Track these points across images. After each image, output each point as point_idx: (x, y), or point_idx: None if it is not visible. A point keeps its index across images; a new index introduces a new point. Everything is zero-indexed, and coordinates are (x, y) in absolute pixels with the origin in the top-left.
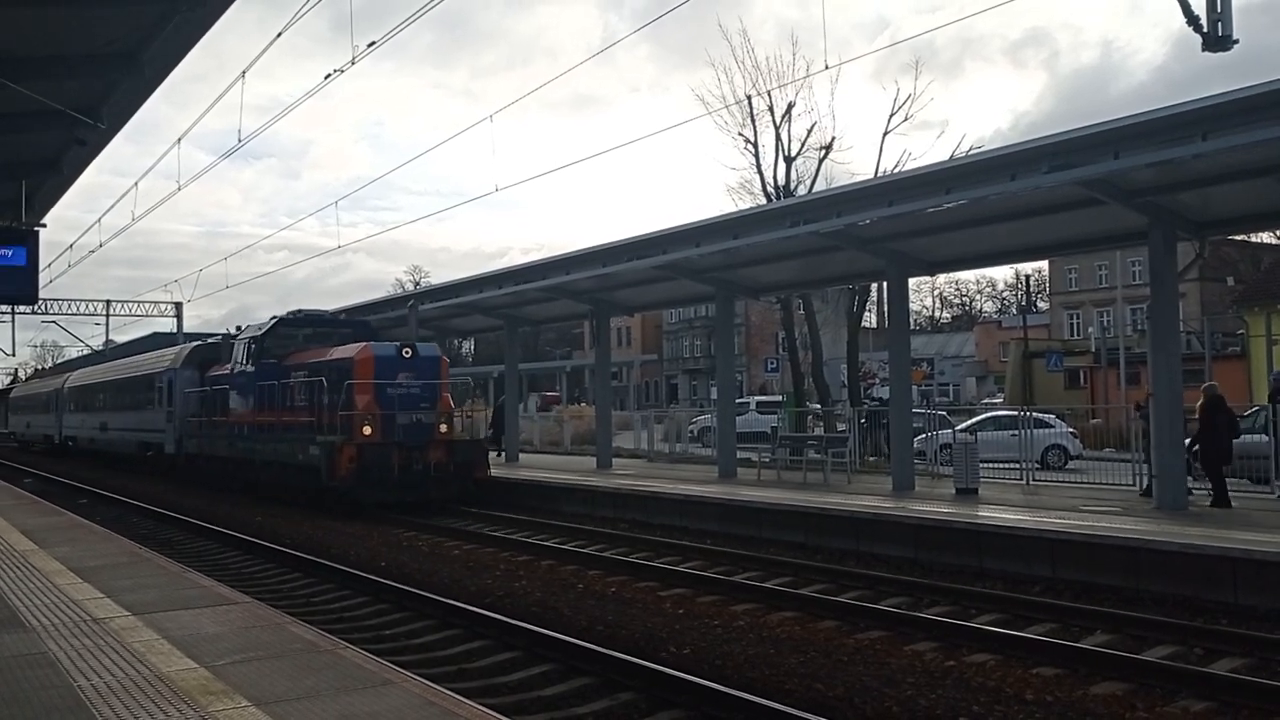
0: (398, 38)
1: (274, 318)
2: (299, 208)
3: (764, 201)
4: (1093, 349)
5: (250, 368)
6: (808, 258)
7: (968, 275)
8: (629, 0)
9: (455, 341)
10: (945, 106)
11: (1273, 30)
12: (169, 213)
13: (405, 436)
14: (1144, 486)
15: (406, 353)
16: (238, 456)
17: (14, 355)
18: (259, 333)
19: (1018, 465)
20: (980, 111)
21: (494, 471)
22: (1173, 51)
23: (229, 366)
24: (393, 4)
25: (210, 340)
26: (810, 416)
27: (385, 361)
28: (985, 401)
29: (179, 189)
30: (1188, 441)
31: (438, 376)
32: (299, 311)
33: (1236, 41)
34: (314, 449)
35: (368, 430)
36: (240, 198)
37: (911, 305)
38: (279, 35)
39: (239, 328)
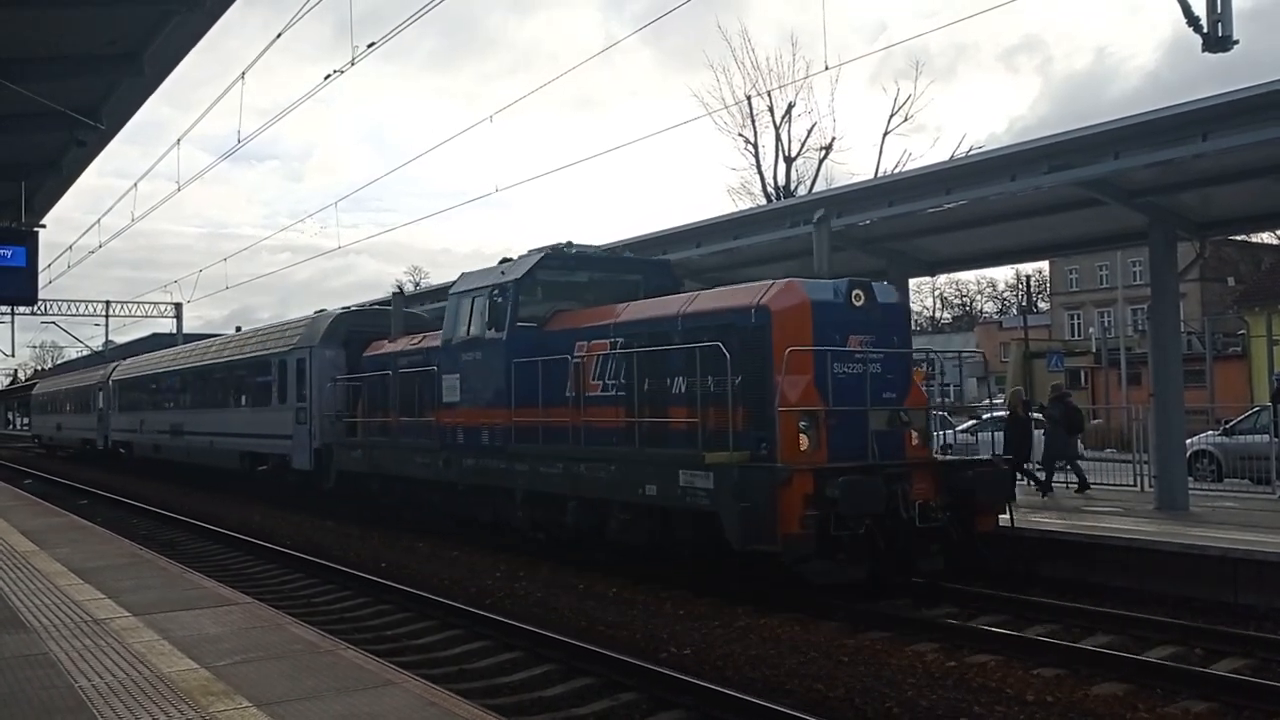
0: (402, 45)
1: (506, 260)
2: (301, 210)
3: (764, 202)
4: (1093, 349)
5: (495, 335)
6: (808, 258)
7: (968, 275)
8: (630, 6)
9: None
10: (941, 111)
11: (1265, 36)
12: (172, 215)
13: (881, 453)
14: (1035, 486)
15: (858, 297)
16: (467, 482)
17: (13, 355)
18: (506, 279)
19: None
20: (975, 117)
21: None
22: (1164, 58)
23: (418, 338)
24: (397, 11)
25: (360, 307)
26: None
27: (828, 312)
28: (988, 401)
29: (179, 189)
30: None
31: (906, 342)
32: (567, 245)
33: (1236, 42)
34: (699, 479)
35: (804, 443)
36: (244, 200)
37: (912, 305)
38: (278, 36)
39: (239, 328)
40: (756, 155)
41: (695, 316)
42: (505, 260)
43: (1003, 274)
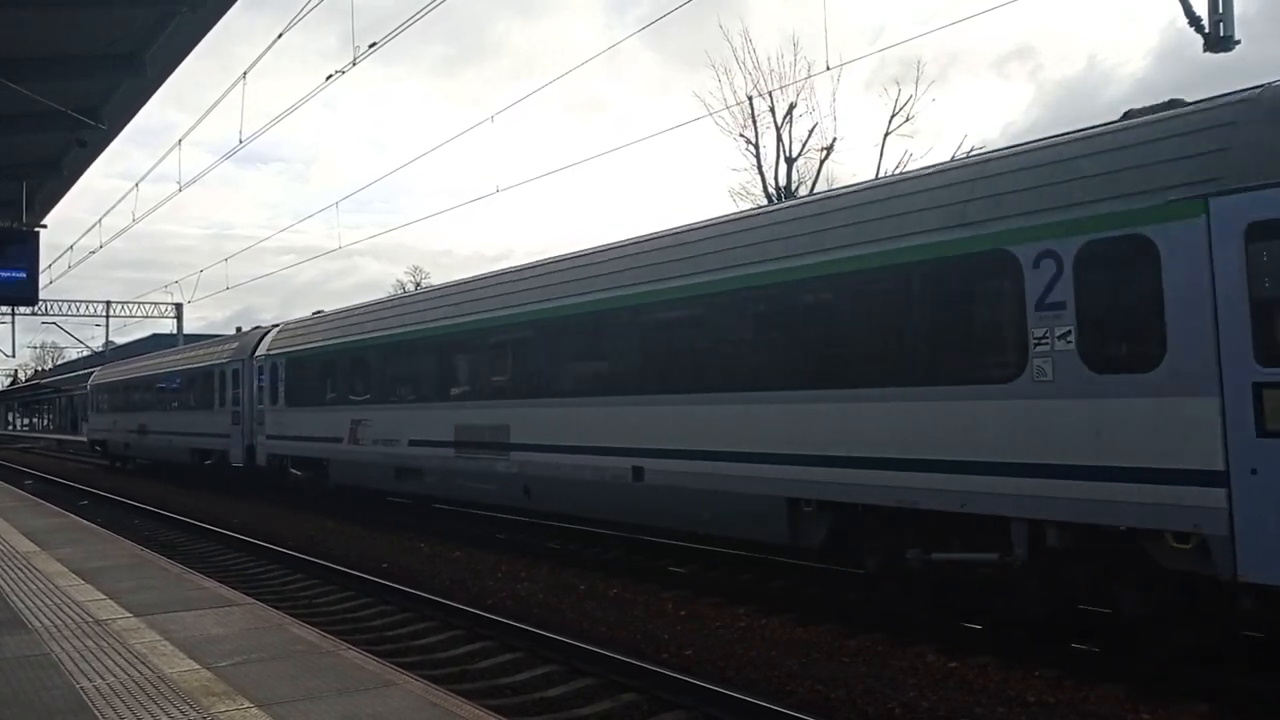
0: (408, 51)
1: None
2: (306, 211)
3: (765, 203)
4: None
5: None
6: None
7: None
8: (633, 10)
9: None
10: (935, 116)
11: (1261, 41)
12: (176, 216)
13: None
14: None
15: None
16: None
17: (14, 356)
18: None
19: None
20: (969, 122)
21: None
22: (1154, 64)
23: None
24: (401, 16)
25: None
26: None
27: None
28: None
29: (179, 190)
30: None
31: None
32: None
33: (1238, 42)
34: None
35: None
36: (249, 202)
37: None
38: (279, 36)
39: (239, 328)
40: (758, 156)
41: None
42: None
43: None
